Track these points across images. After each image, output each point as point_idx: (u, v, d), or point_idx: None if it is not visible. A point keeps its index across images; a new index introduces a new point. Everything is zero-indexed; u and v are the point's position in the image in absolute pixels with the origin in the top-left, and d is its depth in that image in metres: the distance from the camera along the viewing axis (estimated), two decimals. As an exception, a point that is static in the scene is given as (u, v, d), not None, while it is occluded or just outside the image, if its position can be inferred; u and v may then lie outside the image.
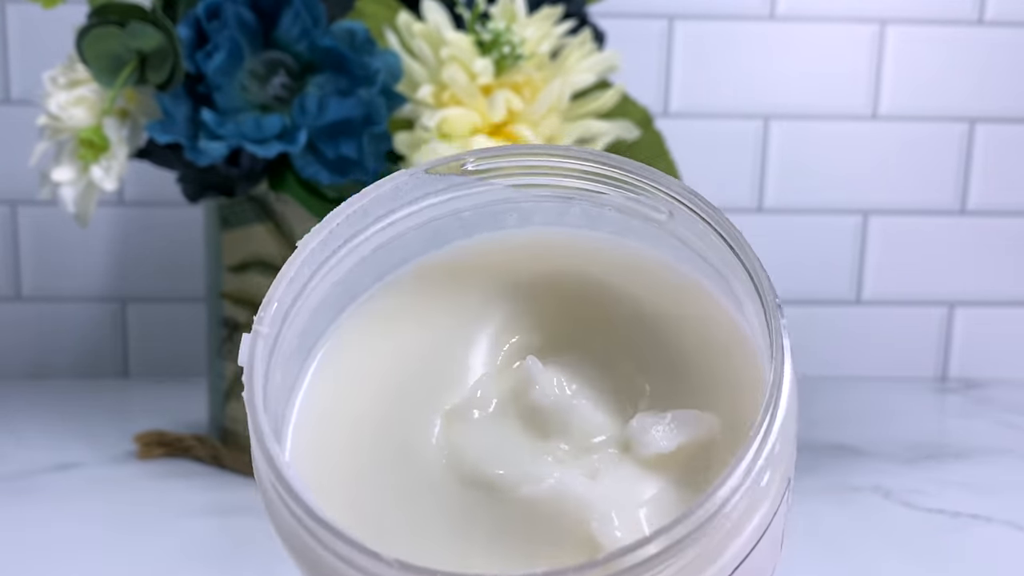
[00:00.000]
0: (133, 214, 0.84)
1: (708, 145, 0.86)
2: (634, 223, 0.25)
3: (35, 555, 0.52)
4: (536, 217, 0.26)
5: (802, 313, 0.89)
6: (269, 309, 0.23)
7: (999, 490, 0.63)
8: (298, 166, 0.58)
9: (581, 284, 0.27)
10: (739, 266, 0.24)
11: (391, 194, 0.25)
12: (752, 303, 0.23)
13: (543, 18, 0.61)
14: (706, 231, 0.24)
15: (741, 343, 0.25)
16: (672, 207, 0.25)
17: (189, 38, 0.57)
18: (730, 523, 0.20)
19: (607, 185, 0.25)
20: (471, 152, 0.25)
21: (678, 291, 0.26)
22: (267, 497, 0.22)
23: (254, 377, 0.22)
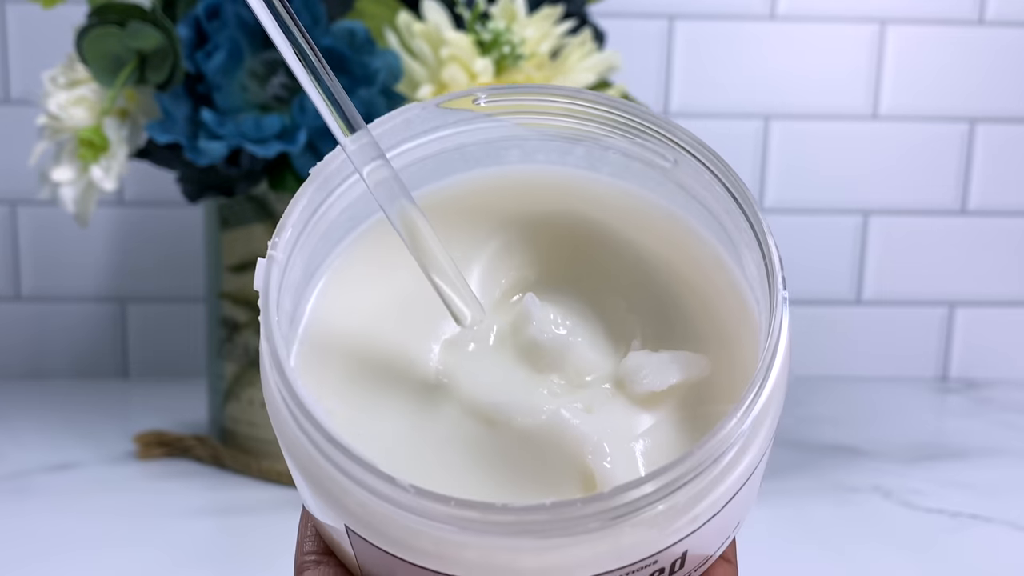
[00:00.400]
0: (133, 214, 0.84)
1: (709, 144, 0.86)
2: (636, 167, 0.26)
3: (34, 555, 0.52)
4: (539, 156, 0.27)
5: (802, 313, 0.89)
6: (283, 235, 0.24)
7: (999, 490, 0.63)
8: (298, 166, 0.58)
9: (578, 224, 0.27)
10: (741, 216, 0.24)
11: (403, 126, 0.25)
12: (752, 253, 0.24)
13: (543, 18, 0.61)
14: (711, 181, 0.24)
15: (735, 291, 0.25)
16: (678, 155, 0.25)
17: (189, 38, 0.57)
18: (723, 464, 0.21)
19: (614, 129, 0.25)
20: (484, 88, 0.25)
21: (674, 237, 0.26)
22: (280, 418, 0.23)
23: (269, 301, 0.23)
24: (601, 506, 0.20)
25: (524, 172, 0.27)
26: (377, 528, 0.21)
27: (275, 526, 0.56)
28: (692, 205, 0.26)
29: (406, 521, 0.21)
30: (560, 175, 0.27)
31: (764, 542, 0.55)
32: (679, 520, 0.21)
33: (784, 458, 0.68)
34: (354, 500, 0.21)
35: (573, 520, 0.20)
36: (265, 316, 0.22)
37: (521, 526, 0.20)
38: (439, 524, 0.20)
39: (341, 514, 0.22)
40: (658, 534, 0.21)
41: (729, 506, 0.22)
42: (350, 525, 0.22)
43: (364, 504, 0.21)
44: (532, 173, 0.27)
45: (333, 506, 0.22)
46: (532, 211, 0.27)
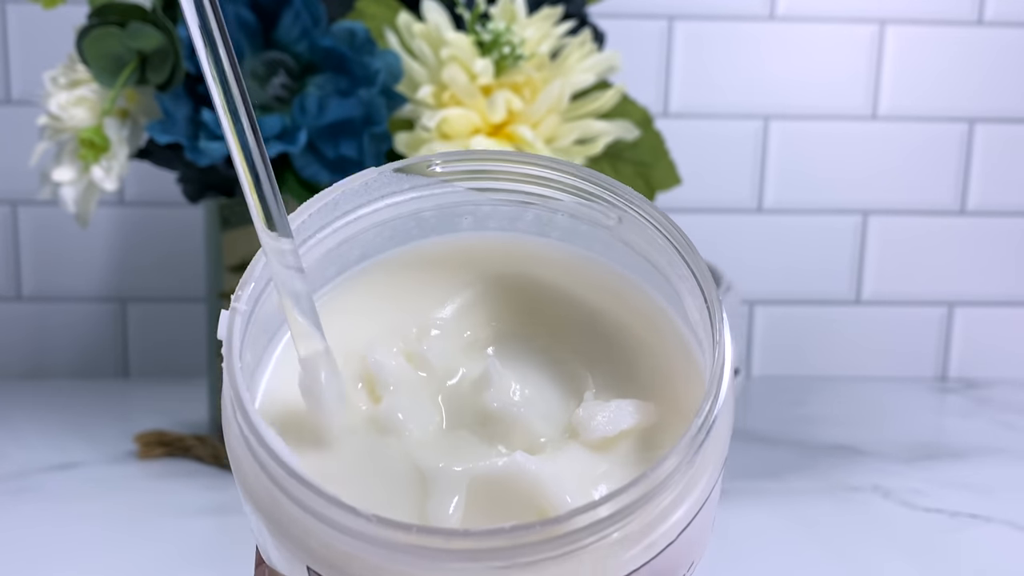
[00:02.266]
0: (133, 214, 0.84)
1: (708, 145, 0.86)
2: (583, 228, 0.27)
3: (35, 555, 0.52)
4: (491, 222, 0.28)
5: (802, 313, 0.89)
6: (246, 288, 0.24)
7: (998, 490, 0.63)
8: (298, 166, 0.58)
9: (530, 285, 0.28)
10: (683, 265, 0.25)
11: (360, 190, 0.26)
12: (694, 299, 0.25)
13: (543, 18, 0.61)
14: (653, 235, 0.26)
15: (678, 339, 0.26)
16: (621, 213, 0.26)
17: (189, 38, 0.57)
18: (674, 493, 0.22)
19: (561, 191, 0.27)
20: (439, 154, 0.27)
21: (620, 293, 0.28)
22: (242, 466, 0.23)
23: (232, 350, 0.23)
24: (558, 529, 0.21)
25: (477, 239, 0.28)
26: (341, 568, 0.22)
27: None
28: (637, 261, 0.27)
29: (369, 556, 0.21)
30: (511, 241, 0.28)
31: (764, 542, 0.55)
32: (634, 548, 0.22)
33: (784, 458, 0.68)
34: (317, 541, 0.22)
35: (532, 544, 0.21)
36: (228, 364, 0.23)
37: (483, 551, 0.21)
38: (401, 556, 0.21)
39: (304, 556, 0.22)
40: (614, 562, 0.22)
41: (684, 536, 0.23)
42: (313, 567, 0.22)
43: (327, 544, 0.22)
44: (485, 240, 0.28)
45: (296, 550, 0.22)
46: (486, 274, 0.29)
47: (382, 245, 0.28)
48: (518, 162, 0.26)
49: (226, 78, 0.23)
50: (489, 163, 0.27)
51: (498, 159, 0.26)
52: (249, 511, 0.24)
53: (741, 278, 0.85)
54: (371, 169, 0.26)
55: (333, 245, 0.26)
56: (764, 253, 0.88)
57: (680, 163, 0.67)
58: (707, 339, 0.24)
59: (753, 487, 0.62)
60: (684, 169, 0.68)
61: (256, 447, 0.22)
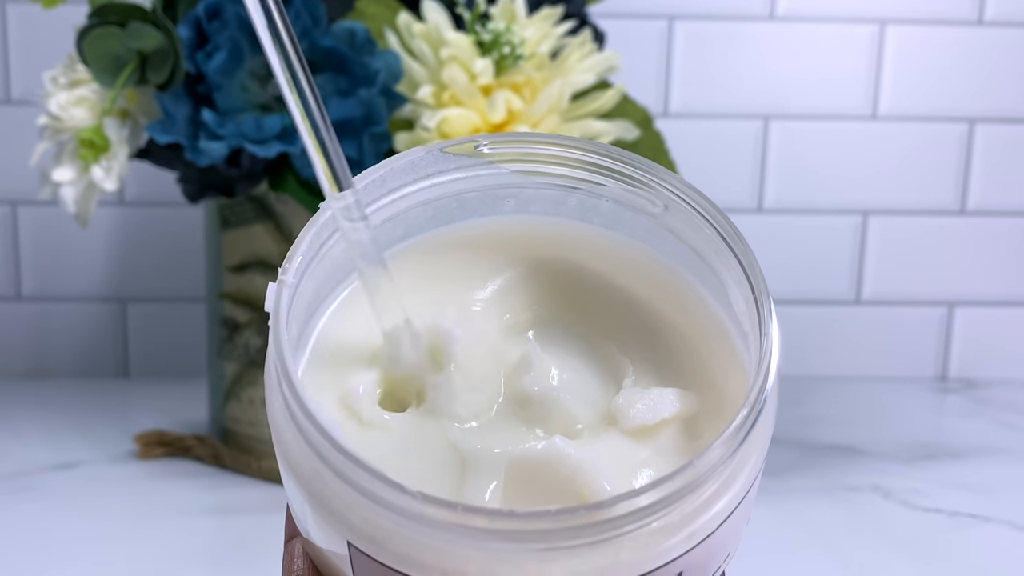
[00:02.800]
0: (133, 214, 0.84)
1: (708, 145, 0.86)
2: (627, 215, 0.27)
3: (35, 554, 0.52)
4: (533, 205, 0.28)
5: (802, 313, 0.89)
6: (294, 261, 0.24)
7: (997, 490, 0.63)
8: (298, 166, 0.58)
9: (571, 271, 0.28)
10: (731, 255, 0.25)
11: (407, 168, 0.26)
12: (741, 290, 0.24)
13: (543, 18, 0.61)
14: (701, 223, 0.25)
15: (721, 331, 0.26)
16: (668, 200, 0.26)
17: (189, 38, 0.57)
18: (717, 484, 0.22)
19: (607, 176, 0.26)
20: (485, 135, 0.26)
21: (662, 281, 0.27)
22: (284, 437, 0.23)
23: (280, 321, 0.23)
24: (601, 514, 0.21)
25: (519, 223, 0.28)
26: (382, 543, 0.21)
27: (276, 525, 0.56)
28: (681, 249, 0.27)
29: (411, 533, 0.21)
30: (553, 226, 0.28)
31: (764, 542, 0.55)
32: (674, 537, 0.22)
33: (783, 458, 0.68)
34: (358, 516, 0.22)
35: (575, 528, 0.20)
36: (276, 335, 0.23)
37: (526, 532, 0.20)
38: (444, 535, 0.21)
39: (345, 531, 0.22)
40: (655, 550, 0.22)
41: (723, 528, 0.23)
42: (353, 542, 0.22)
43: (369, 519, 0.21)
44: (526, 224, 0.28)
45: (337, 524, 0.22)
46: (527, 258, 0.28)
47: (425, 224, 0.28)
48: (564, 146, 0.26)
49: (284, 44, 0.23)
50: (535, 146, 0.26)
51: (544, 142, 0.26)
52: (290, 484, 0.23)
53: (741, 278, 0.85)
54: (419, 147, 0.26)
55: (378, 222, 0.26)
56: (764, 253, 0.88)
57: (680, 163, 0.67)
58: (752, 331, 0.24)
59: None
60: (684, 169, 0.68)
61: (301, 418, 0.22)
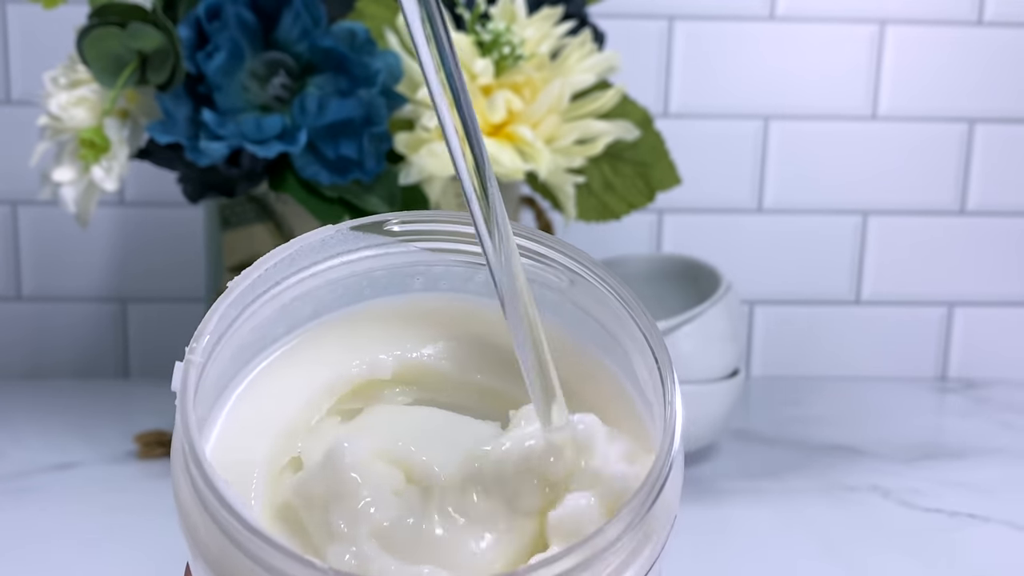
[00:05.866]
0: (134, 214, 0.84)
1: (708, 145, 0.86)
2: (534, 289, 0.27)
3: (35, 555, 0.52)
4: (442, 283, 0.28)
5: (802, 313, 0.89)
6: (201, 340, 0.25)
7: (997, 490, 0.63)
8: (298, 166, 0.58)
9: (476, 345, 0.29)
10: (634, 327, 0.25)
11: (317, 246, 0.26)
12: (645, 360, 0.25)
13: (543, 18, 0.61)
14: (604, 297, 0.26)
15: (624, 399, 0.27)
16: (573, 276, 0.26)
17: (190, 38, 0.57)
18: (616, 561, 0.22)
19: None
20: (395, 214, 0.27)
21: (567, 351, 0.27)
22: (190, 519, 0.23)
23: (187, 401, 0.23)
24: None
25: (426, 300, 0.29)
26: None
27: (275, 525, 0.56)
28: (587, 322, 0.27)
29: None
30: (460, 302, 0.28)
31: (763, 541, 0.55)
32: None
33: (783, 458, 0.68)
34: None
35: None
36: (183, 414, 0.23)
37: None
38: None
39: None
40: None
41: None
42: None
43: None
44: (433, 300, 0.29)
45: None
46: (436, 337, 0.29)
47: (333, 303, 0.28)
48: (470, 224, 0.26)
49: (458, 92, 0.23)
50: (443, 224, 0.27)
51: (452, 220, 0.27)
52: (198, 568, 0.23)
53: (741, 278, 0.85)
54: (329, 226, 0.26)
55: (287, 301, 0.27)
56: (764, 253, 0.88)
57: (680, 163, 0.67)
58: (656, 399, 0.24)
59: (752, 487, 0.62)
60: (684, 169, 0.68)
61: (209, 498, 0.22)
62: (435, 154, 0.58)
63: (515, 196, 0.67)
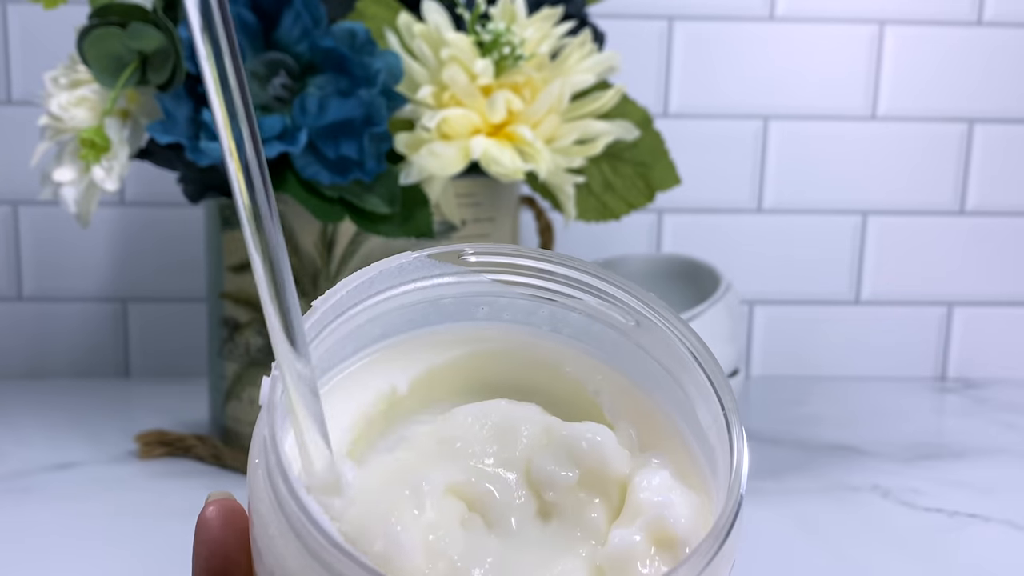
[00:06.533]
0: (134, 214, 0.84)
1: (708, 145, 0.86)
2: (596, 328, 0.28)
3: (35, 555, 0.52)
4: (505, 313, 0.29)
5: (802, 313, 0.89)
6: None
7: (997, 489, 0.63)
8: (299, 166, 0.58)
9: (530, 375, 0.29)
10: (700, 372, 0.25)
11: (395, 272, 0.27)
12: (710, 407, 0.25)
13: (543, 19, 0.61)
14: (670, 340, 0.26)
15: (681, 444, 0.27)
16: (639, 317, 0.27)
17: (190, 39, 0.57)
18: None
19: (584, 291, 0.28)
20: (473, 245, 0.28)
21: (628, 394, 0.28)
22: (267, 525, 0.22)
23: (275, 416, 0.23)
24: None
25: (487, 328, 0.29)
26: None
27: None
28: (650, 365, 0.27)
29: None
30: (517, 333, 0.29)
31: (763, 541, 0.55)
32: None
33: (783, 458, 0.68)
34: None
35: None
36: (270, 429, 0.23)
37: None
38: None
39: None
40: None
41: None
42: None
43: None
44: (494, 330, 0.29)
45: None
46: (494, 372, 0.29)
47: (401, 326, 0.28)
48: (543, 259, 0.27)
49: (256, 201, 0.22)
50: (515, 257, 0.28)
51: (524, 255, 0.28)
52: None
53: (741, 278, 0.85)
54: (408, 253, 0.27)
55: (361, 323, 0.27)
56: (764, 253, 0.88)
57: (680, 163, 0.67)
58: (720, 445, 0.24)
59: (753, 487, 0.62)
60: (684, 169, 0.68)
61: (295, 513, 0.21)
62: (435, 154, 0.58)
63: (515, 196, 0.67)
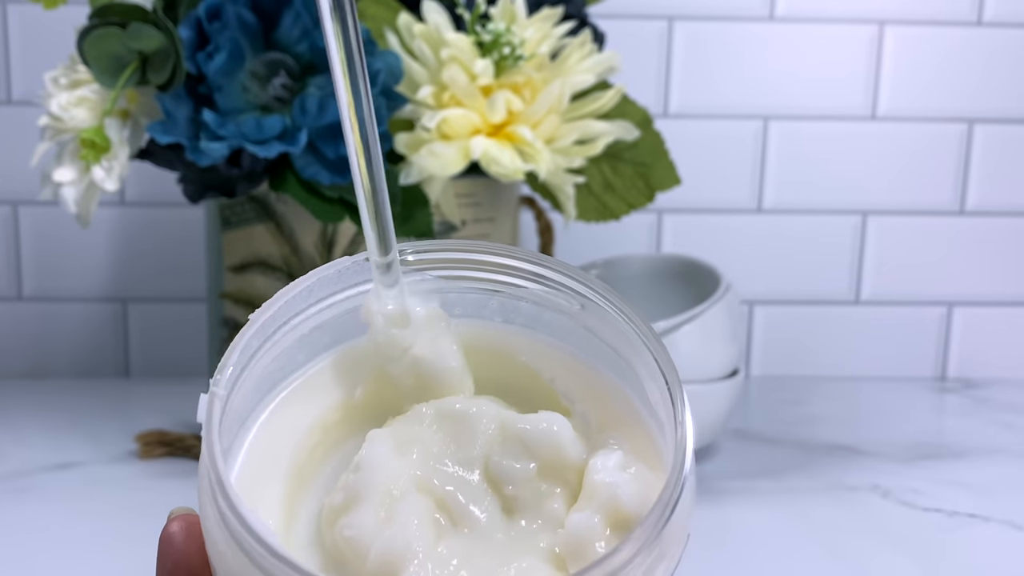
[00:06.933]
0: (134, 214, 0.84)
1: (708, 145, 0.86)
2: (546, 315, 0.28)
3: (35, 555, 0.52)
4: (456, 309, 0.29)
5: (802, 313, 0.89)
6: (224, 373, 0.25)
7: (997, 489, 0.63)
8: (299, 166, 0.58)
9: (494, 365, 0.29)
10: (644, 348, 0.26)
11: (334, 278, 0.27)
12: (656, 383, 0.25)
13: (543, 19, 0.61)
14: (615, 320, 0.26)
15: (637, 421, 0.27)
16: (583, 300, 0.27)
17: (190, 39, 0.57)
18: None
19: (526, 279, 0.28)
20: (411, 244, 0.28)
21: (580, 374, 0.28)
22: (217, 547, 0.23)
23: (211, 433, 0.24)
24: None
25: None
26: None
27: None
28: (598, 345, 0.28)
29: None
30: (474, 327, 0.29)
31: (763, 541, 0.55)
32: None
33: (783, 457, 0.68)
34: None
35: None
36: (208, 446, 0.23)
37: None
38: None
39: None
40: None
41: None
42: None
43: None
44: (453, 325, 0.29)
45: None
46: None
47: (351, 331, 0.28)
48: (484, 252, 0.28)
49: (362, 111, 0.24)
50: (456, 252, 0.28)
51: (466, 249, 0.28)
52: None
53: (741, 278, 0.85)
54: (345, 258, 0.27)
55: (306, 331, 0.27)
56: (764, 253, 0.88)
57: (680, 163, 0.67)
58: (668, 420, 0.24)
59: (752, 486, 0.62)
60: (684, 169, 0.68)
61: (236, 527, 0.22)
62: (435, 154, 0.58)
63: (515, 196, 0.67)
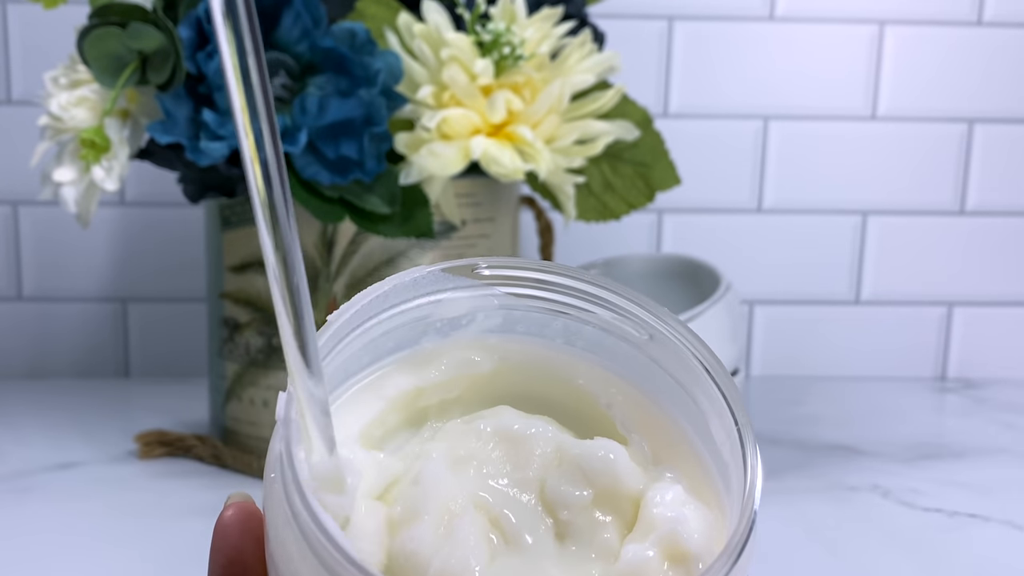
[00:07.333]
0: (134, 214, 0.84)
1: (708, 145, 0.86)
2: (609, 341, 0.28)
3: (35, 555, 0.52)
4: (519, 326, 0.29)
5: (802, 313, 0.89)
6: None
7: (997, 489, 0.63)
8: (299, 166, 0.58)
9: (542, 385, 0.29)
10: (713, 386, 0.25)
11: (410, 285, 0.27)
12: (723, 422, 0.25)
13: (543, 19, 0.61)
14: (684, 355, 0.26)
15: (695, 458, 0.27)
16: (652, 331, 0.27)
17: (190, 39, 0.57)
18: None
19: (597, 304, 0.28)
20: (487, 259, 0.28)
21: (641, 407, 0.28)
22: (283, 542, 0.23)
23: (291, 432, 0.23)
24: None
25: (499, 340, 0.29)
26: None
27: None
28: (662, 377, 0.27)
29: None
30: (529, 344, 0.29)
31: (763, 541, 0.55)
32: None
33: (783, 458, 0.68)
34: None
35: None
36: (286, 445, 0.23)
37: None
38: None
39: None
40: None
41: None
42: None
43: None
44: (505, 340, 0.29)
45: None
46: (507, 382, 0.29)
47: (414, 339, 0.29)
48: (556, 273, 0.28)
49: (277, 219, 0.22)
50: (530, 271, 0.28)
51: (538, 269, 0.28)
52: None
53: (741, 278, 0.85)
54: (423, 266, 0.27)
55: (375, 336, 0.27)
56: (764, 253, 0.88)
57: (680, 163, 0.67)
58: (733, 460, 0.24)
59: (752, 487, 0.62)
60: (684, 169, 0.68)
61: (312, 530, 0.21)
62: (435, 154, 0.58)
63: (515, 196, 0.67)
